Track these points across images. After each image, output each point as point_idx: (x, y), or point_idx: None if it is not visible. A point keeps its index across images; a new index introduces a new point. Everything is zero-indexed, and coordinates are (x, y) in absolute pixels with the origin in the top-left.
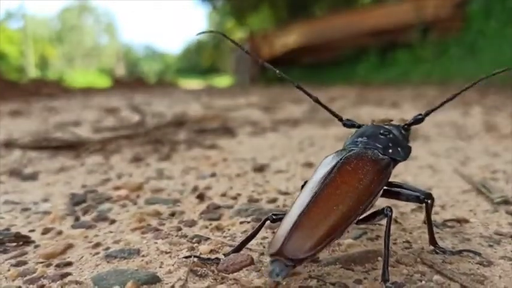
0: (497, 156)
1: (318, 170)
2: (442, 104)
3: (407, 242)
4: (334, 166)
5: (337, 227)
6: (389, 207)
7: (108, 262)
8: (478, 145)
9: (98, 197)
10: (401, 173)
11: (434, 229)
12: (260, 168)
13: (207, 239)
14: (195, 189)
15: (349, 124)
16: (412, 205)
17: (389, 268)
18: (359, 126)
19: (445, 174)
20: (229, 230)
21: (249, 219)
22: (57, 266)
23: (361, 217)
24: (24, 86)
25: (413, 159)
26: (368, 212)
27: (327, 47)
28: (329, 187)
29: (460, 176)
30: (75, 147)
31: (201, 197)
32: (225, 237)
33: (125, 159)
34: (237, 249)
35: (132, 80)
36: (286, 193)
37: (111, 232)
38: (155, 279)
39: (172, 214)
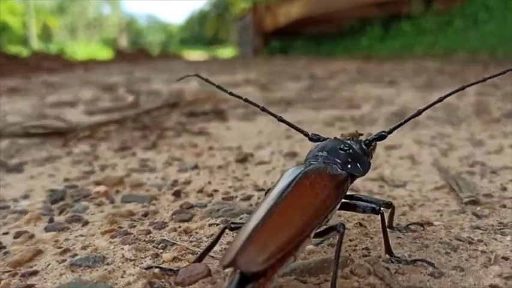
0: (481, 145)
1: (278, 182)
2: (409, 119)
3: (367, 248)
4: (293, 180)
5: (291, 241)
6: (342, 224)
7: (72, 271)
8: (464, 131)
9: (77, 193)
10: (380, 165)
11: (397, 233)
12: (243, 159)
13: (173, 244)
14: (174, 184)
15: (314, 139)
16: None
17: (342, 280)
18: (323, 140)
19: (423, 167)
20: (196, 233)
21: (218, 221)
22: (23, 275)
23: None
24: (25, 60)
25: (397, 147)
26: (324, 227)
27: (330, 17)
28: (285, 201)
29: (438, 169)
30: (64, 134)
31: (177, 194)
32: (191, 242)
33: (112, 148)
34: (198, 259)
35: (134, 51)
36: (262, 189)
37: (81, 236)
38: None
39: (145, 214)
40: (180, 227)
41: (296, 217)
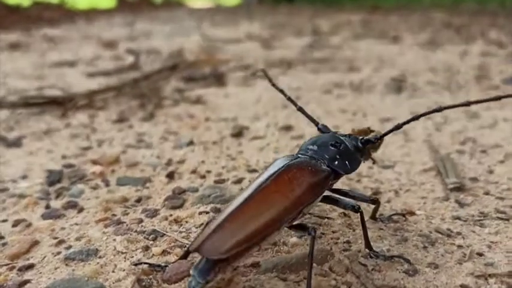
0: (475, 118)
1: (265, 172)
2: (401, 126)
3: (348, 242)
4: (274, 173)
5: (257, 234)
6: (314, 228)
7: (66, 265)
8: (461, 101)
9: (74, 174)
10: None
11: (380, 224)
12: (238, 133)
13: (163, 235)
14: (168, 163)
15: (323, 130)
16: (367, 193)
17: (320, 278)
18: (329, 133)
19: (415, 145)
20: (186, 222)
21: (208, 208)
22: (20, 269)
23: (292, 224)
24: (26, 11)
25: (392, 120)
26: (299, 220)
27: None
28: (259, 194)
29: (429, 147)
30: (63, 103)
31: (171, 176)
32: (180, 232)
33: (109, 119)
34: (184, 256)
35: None
36: (253, 170)
37: (76, 224)
38: None
39: (139, 200)
40: (171, 215)
41: (266, 211)
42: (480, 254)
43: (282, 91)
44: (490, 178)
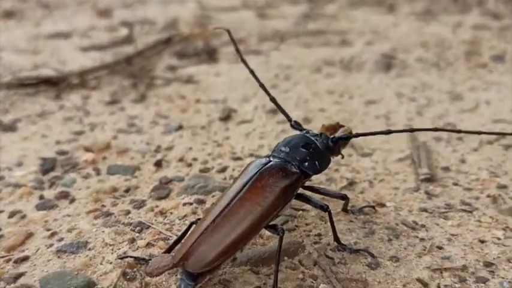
0: (458, 100)
1: (241, 175)
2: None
3: (319, 234)
4: (249, 180)
5: (236, 244)
6: (282, 228)
7: (58, 257)
8: (447, 81)
9: (66, 162)
10: (356, 126)
11: (351, 216)
12: (226, 117)
13: (148, 227)
14: (157, 149)
15: (295, 127)
16: (342, 184)
17: (290, 271)
18: (301, 131)
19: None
20: (171, 214)
21: (192, 199)
22: (15, 262)
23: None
24: None
25: (377, 102)
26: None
27: None
28: (238, 203)
29: (408, 134)
30: (57, 83)
31: (159, 164)
32: (164, 224)
33: (102, 101)
34: (167, 250)
35: None
36: (238, 158)
37: (68, 216)
38: (90, 284)
39: (127, 190)
40: (157, 206)
41: (244, 220)
42: (440, 248)
43: (252, 72)
44: (462, 168)
